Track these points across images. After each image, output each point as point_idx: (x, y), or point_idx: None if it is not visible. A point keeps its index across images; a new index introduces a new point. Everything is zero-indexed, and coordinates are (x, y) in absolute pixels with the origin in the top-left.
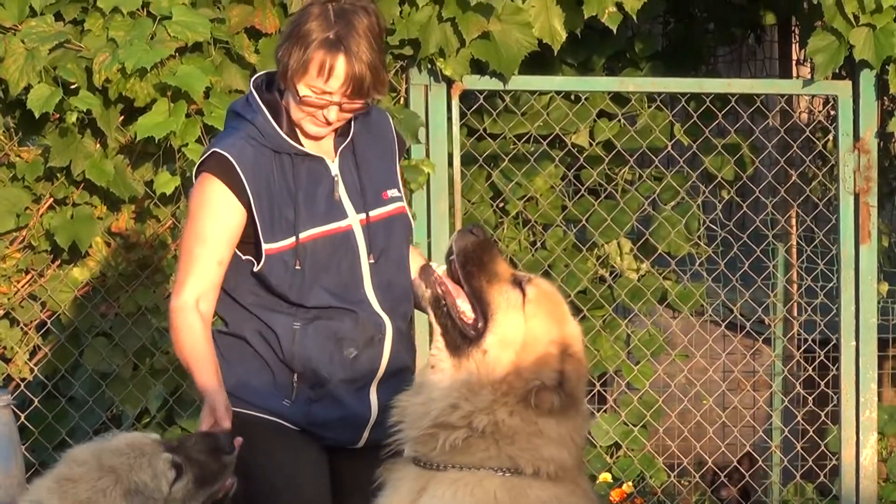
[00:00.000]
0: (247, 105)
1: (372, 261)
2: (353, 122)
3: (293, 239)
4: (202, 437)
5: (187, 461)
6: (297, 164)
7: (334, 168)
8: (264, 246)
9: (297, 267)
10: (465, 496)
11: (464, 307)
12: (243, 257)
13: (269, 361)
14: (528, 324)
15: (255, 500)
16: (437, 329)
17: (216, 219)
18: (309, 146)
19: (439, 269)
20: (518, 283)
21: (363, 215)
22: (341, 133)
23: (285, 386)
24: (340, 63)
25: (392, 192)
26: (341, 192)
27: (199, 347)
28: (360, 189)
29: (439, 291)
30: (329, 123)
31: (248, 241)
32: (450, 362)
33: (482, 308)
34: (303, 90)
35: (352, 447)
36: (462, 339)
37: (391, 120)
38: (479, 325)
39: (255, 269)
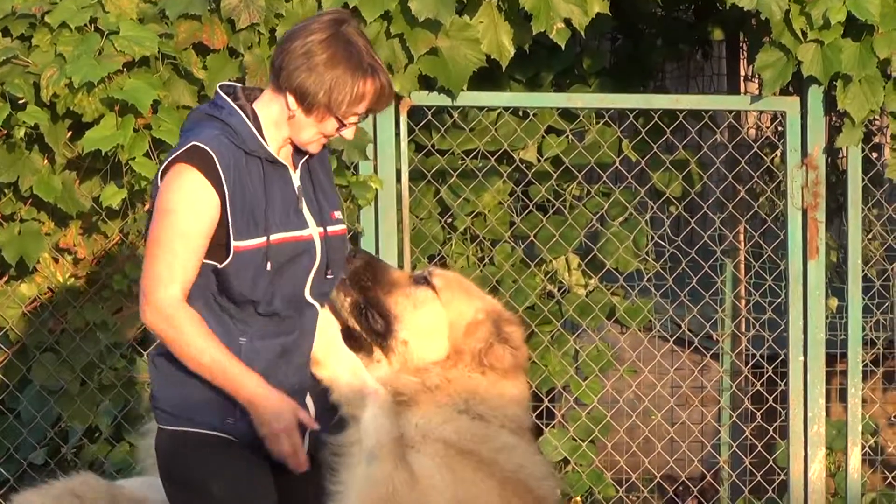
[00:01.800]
0: (215, 107)
1: (331, 275)
2: None
3: (264, 239)
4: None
5: None
6: (267, 169)
7: (296, 179)
8: (234, 243)
9: (269, 268)
10: (440, 421)
11: None
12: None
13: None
14: (448, 309)
15: None
16: (363, 333)
17: (197, 212)
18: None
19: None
20: (423, 281)
21: (321, 229)
22: (298, 150)
23: (228, 403)
24: (388, 86)
25: (338, 214)
26: (303, 203)
27: (218, 345)
28: (312, 203)
29: (358, 297)
30: (322, 140)
31: (212, 241)
32: (384, 360)
33: (382, 313)
34: (351, 119)
35: None
36: (381, 337)
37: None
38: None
39: (221, 266)
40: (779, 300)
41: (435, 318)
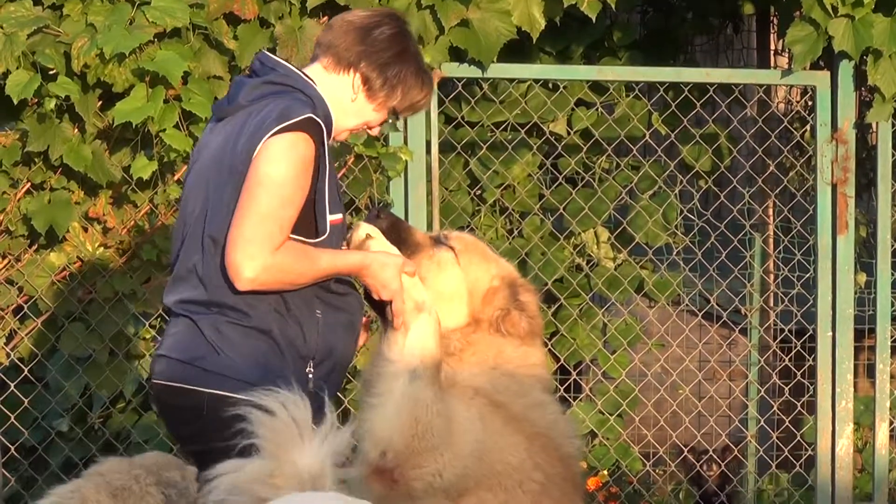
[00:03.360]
0: (285, 77)
1: None
2: None
3: (340, 215)
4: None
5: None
6: (329, 152)
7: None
8: (330, 216)
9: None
10: (474, 373)
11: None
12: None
13: (287, 353)
14: (467, 273)
15: None
16: None
17: (304, 183)
18: None
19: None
20: (443, 243)
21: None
22: None
23: (302, 377)
24: (424, 95)
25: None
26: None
27: (314, 251)
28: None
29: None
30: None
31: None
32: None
33: None
34: (401, 115)
35: None
36: None
37: None
38: None
39: (314, 241)
40: (807, 275)
41: (456, 282)
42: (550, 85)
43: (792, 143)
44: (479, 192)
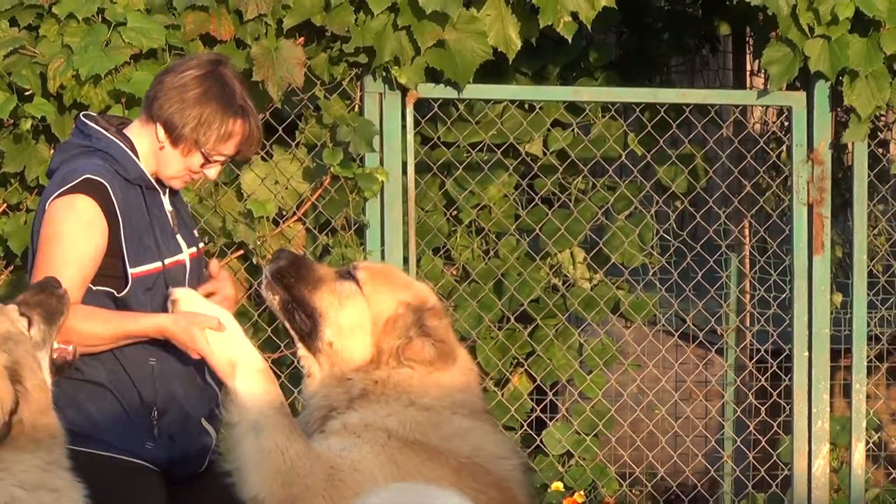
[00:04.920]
0: (88, 139)
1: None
2: None
3: (159, 263)
4: (33, 286)
5: (29, 307)
6: (147, 196)
7: (167, 204)
8: (130, 270)
9: (168, 292)
10: (384, 414)
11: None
12: (95, 289)
13: (125, 403)
14: (371, 304)
15: None
16: (294, 334)
17: (89, 240)
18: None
19: None
20: (348, 275)
21: (193, 249)
22: None
23: (145, 426)
24: (256, 130)
25: (196, 232)
26: (177, 227)
27: (106, 315)
28: (183, 225)
29: (284, 296)
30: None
31: (104, 272)
32: (316, 365)
33: (307, 312)
34: (217, 158)
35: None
36: (308, 336)
37: None
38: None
39: (119, 294)
40: (784, 295)
41: (358, 314)
42: (526, 106)
43: (768, 163)
44: (455, 212)
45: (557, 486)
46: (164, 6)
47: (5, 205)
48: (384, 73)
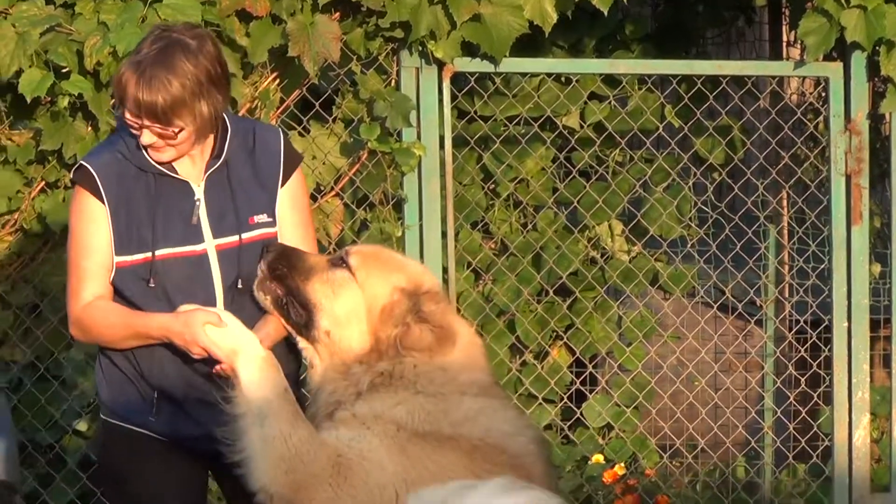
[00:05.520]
0: (120, 122)
1: (240, 286)
2: (226, 144)
3: (148, 254)
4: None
5: None
6: (160, 184)
7: (198, 192)
8: (115, 258)
9: (152, 285)
10: (393, 404)
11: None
12: None
13: (132, 377)
14: (364, 290)
15: None
16: (290, 328)
17: (94, 228)
18: (179, 169)
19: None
20: (340, 262)
21: (221, 240)
22: (215, 155)
23: (149, 402)
24: (131, 88)
25: (260, 218)
26: (202, 215)
27: (123, 313)
28: (223, 214)
29: (278, 292)
30: (153, 147)
31: None
32: (316, 356)
33: (301, 303)
34: (130, 121)
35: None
36: (305, 328)
37: (283, 138)
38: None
39: (111, 280)
40: (822, 266)
41: (352, 303)
42: (563, 79)
43: (805, 134)
44: (493, 186)
45: (598, 458)
46: None
47: (43, 182)
48: (420, 48)
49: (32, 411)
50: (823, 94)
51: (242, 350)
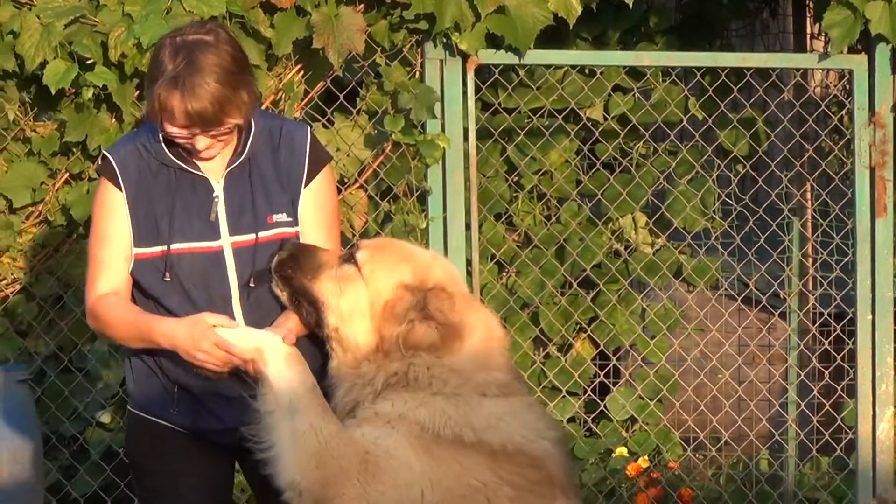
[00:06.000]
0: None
1: (252, 284)
2: (249, 141)
3: (163, 248)
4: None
5: None
6: (180, 179)
7: (217, 188)
8: (134, 249)
9: (167, 278)
10: (415, 405)
11: None
12: None
13: (154, 369)
14: (369, 285)
15: (142, 498)
16: (305, 325)
17: (112, 217)
18: (201, 165)
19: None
20: (349, 257)
21: (238, 238)
22: (238, 152)
23: (170, 394)
24: (177, 103)
25: (279, 217)
26: (220, 212)
27: (132, 312)
28: (242, 211)
29: (287, 292)
30: (207, 149)
31: None
32: (332, 351)
33: (309, 301)
34: (166, 128)
35: None
36: (317, 325)
37: (310, 137)
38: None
39: (129, 271)
40: (846, 258)
41: (355, 299)
42: (587, 71)
43: (829, 126)
44: (517, 178)
45: (622, 451)
46: None
47: (67, 174)
48: (444, 40)
49: (56, 403)
50: (848, 87)
51: (267, 347)
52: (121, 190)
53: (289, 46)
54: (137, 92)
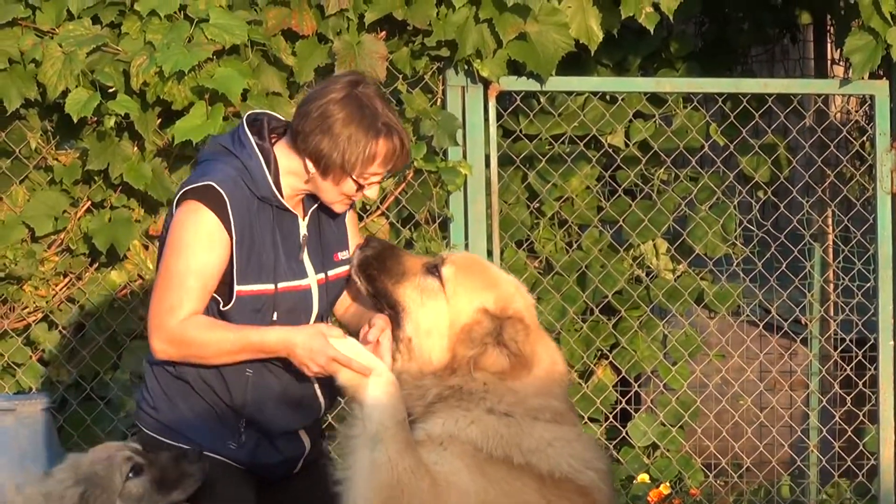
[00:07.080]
0: (237, 143)
1: (324, 320)
2: None
3: (271, 286)
4: (174, 453)
5: (149, 464)
6: (278, 216)
7: (303, 227)
8: (237, 287)
9: (275, 317)
10: (466, 423)
11: None
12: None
13: (214, 405)
14: (451, 304)
15: None
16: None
17: (210, 250)
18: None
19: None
20: (433, 269)
21: (321, 275)
22: (312, 195)
23: (232, 430)
24: (402, 146)
25: (343, 255)
26: (305, 251)
27: (228, 328)
28: (317, 250)
29: (368, 290)
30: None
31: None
32: (397, 353)
33: (390, 304)
34: (367, 179)
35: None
36: (393, 324)
37: None
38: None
39: (223, 307)
40: (868, 284)
41: (436, 316)
42: (608, 97)
43: (851, 152)
44: (538, 204)
45: (643, 477)
46: (245, 2)
47: (89, 202)
48: (466, 67)
49: (78, 431)
50: (869, 112)
51: (377, 369)
52: (227, 225)
53: (310, 74)
54: (159, 120)
